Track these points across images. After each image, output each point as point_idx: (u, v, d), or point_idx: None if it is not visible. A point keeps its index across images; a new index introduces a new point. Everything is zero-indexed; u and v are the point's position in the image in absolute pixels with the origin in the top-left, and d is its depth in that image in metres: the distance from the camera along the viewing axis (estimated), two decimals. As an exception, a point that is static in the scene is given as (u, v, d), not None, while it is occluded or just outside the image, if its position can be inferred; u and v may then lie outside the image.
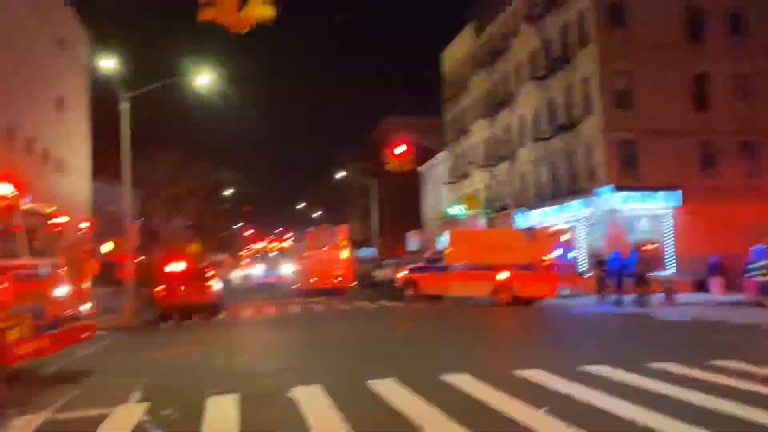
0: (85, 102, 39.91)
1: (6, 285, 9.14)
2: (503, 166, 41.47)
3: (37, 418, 7.28)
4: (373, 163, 70.93)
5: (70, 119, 37.06)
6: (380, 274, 40.97)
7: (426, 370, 9.50)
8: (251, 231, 70.80)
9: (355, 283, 33.10)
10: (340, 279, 31.02)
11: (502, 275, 22.84)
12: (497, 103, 42.24)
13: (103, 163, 36.01)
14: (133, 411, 7.49)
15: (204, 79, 26.12)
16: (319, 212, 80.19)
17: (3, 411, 7.71)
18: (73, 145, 37.33)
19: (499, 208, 40.32)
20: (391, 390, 8.14)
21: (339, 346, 13.32)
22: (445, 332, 15.51)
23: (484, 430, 6.29)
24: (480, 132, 45.73)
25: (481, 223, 40.38)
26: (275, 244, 48.83)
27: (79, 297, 17.75)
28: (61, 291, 10.91)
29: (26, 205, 10.32)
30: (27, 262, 9.85)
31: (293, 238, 52.87)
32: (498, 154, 42.29)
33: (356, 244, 44.18)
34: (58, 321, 10.36)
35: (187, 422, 6.92)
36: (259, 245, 47.88)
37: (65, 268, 14.16)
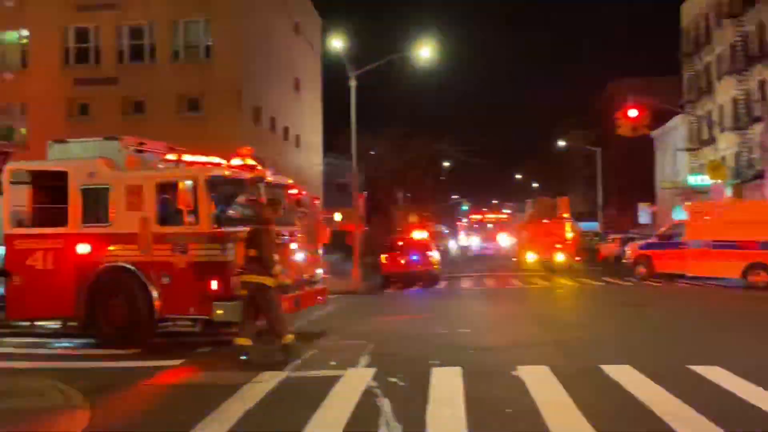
0: (318, 82, 43.02)
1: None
2: (757, 128, 36.11)
3: (279, 375, 7.84)
4: (598, 130, 66.77)
5: (306, 99, 40.23)
6: (605, 249, 38.48)
7: (666, 358, 8.48)
8: (468, 202, 71.24)
9: (578, 258, 31.45)
10: (561, 253, 29.69)
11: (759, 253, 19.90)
12: (749, 56, 36.74)
13: (333, 139, 38.65)
14: (362, 375, 7.73)
15: (425, 51, 26.44)
16: (537, 184, 77.90)
17: (254, 364, 8.47)
18: (308, 123, 40.56)
19: (750, 177, 35.29)
20: (627, 377, 7.37)
21: (564, 324, 12.62)
22: (687, 316, 13.90)
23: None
24: (727, 90, 40.27)
25: (727, 194, 35.71)
26: (492, 215, 48.38)
27: (314, 262, 19.20)
28: (300, 256, 11.73)
29: (269, 177, 11.21)
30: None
31: (511, 210, 52.03)
32: (751, 114, 36.91)
33: (578, 217, 42.02)
34: (297, 284, 11.16)
35: (413, 392, 6.92)
36: (476, 217, 47.91)
37: (302, 236, 15.19)
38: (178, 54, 30.88)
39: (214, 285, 9.55)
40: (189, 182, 9.50)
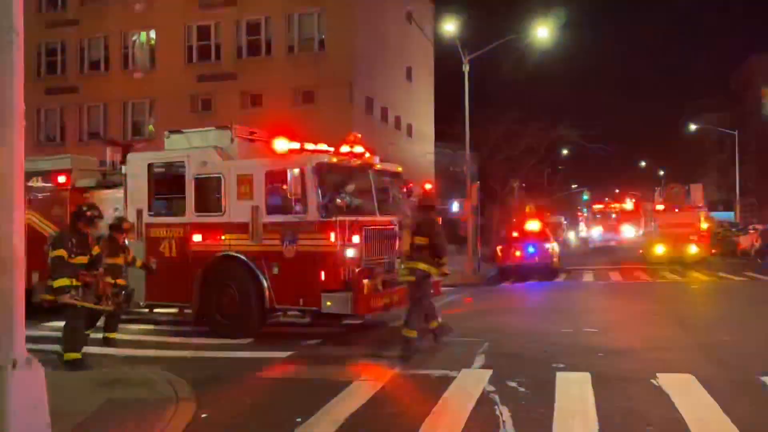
0: (431, 70, 42.39)
1: (359, 239, 9.60)
2: None
3: (388, 373, 7.36)
4: (734, 110, 61.26)
5: (418, 88, 39.73)
6: (744, 241, 35.03)
7: None
8: (588, 192, 67.91)
9: (714, 251, 28.77)
10: (694, 245, 27.24)
11: None
12: None
13: (445, 127, 37.88)
14: (477, 377, 7.07)
15: (542, 32, 25.09)
16: (662, 172, 72.88)
17: (359, 359, 8.06)
18: (420, 112, 40.06)
19: None
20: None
21: (707, 325, 11.22)
22: None
23: None
24: None
25: None
26: (616, 205, 45.50)
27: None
28: (405, 245, 11.20)
29: (378, 164, 10.76)
30: (379, 219, 10.26)
31: (635, 199, 48.78)
32: None
33: (711, 207, 38.61)
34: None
35: (536, 400, 6.18)
36: (598, 206, 45.34)
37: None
38: (293, 47, 31.40)
39: (322, 275, 9.26)
40: (296, 170, 9.25)
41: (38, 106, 33.48)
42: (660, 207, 29.57)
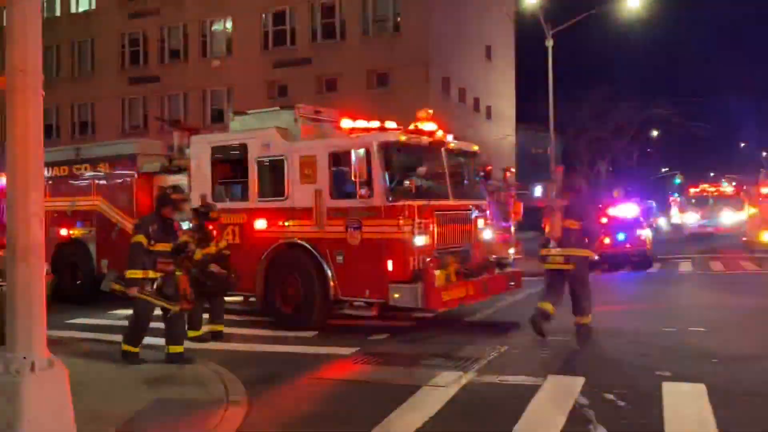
0: (511, 49, 40.65)
1: (430, 225, 8.73)
2: None
3: (463, 378, 6.47)
4: None
5: (497, 67, 38.12)
6: None
7: None
8: (681, 175, 63.92)
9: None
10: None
11: None
12: None
13: (528, 108, 36.15)
14: (567, 386, 6.07)
15: (633, 1, 23.17)
16: (765, 153, 67.28)
17: (429, 360, 7.21)
18: (499, 93, 38.45)
19: None
20: None
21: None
22: None
23: None
24: None
25: None
26: (712, 189, 42.17)
27: (506, 241, 17.54)
28: (488, 234, 10.24)
29: (451, 143, 9.81)
30: (453, 203, 9.33)
31: (735, 181, 45.07)
32: None
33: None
34: (484, 266, 9.72)
35: (640, 418, 5.14)
36: (693, 190, 42.15)
37: (491, 211, 13.60)
38: (367, 30, 30.66)
39: (389, 265, 8.45)
40: (361, 150, 8.46)
41: (122, 95, 34.44)
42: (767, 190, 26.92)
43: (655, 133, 50.97)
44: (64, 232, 12.39)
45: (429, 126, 9.52)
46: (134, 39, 34.56)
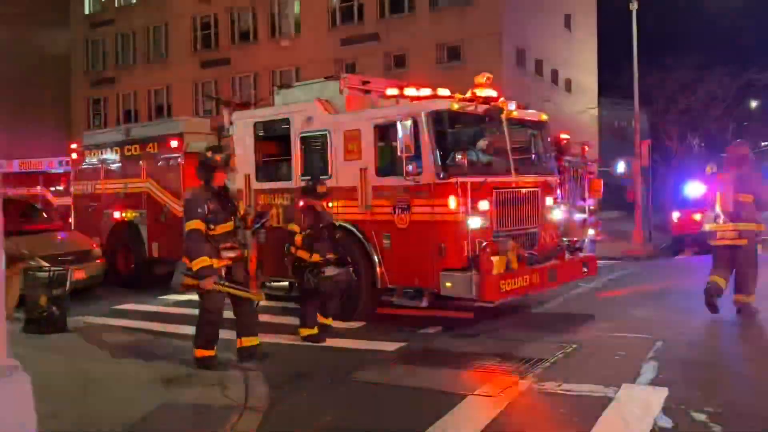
0: (593, 16, 38.14)
1: (487, 205, 7.69)
2: None
3: (518, 385, 5.47)
4: None
5: (578, 37, 35.84)
6: None
7: None
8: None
9: None
10: None
11: None
12: None
13: (611, 80, 33.79)
14: (645, 401, 4.96)
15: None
16: None
17: (482, 361, 6.24)
18: (580, 64, 36.17)
19: None
20: None
21: None
22: None
23: None
24: None
25: None
26: (709, 167, 38.01)
27: (581, 223, 16.11)
28: (558, 214, 9.08)
29: (515, 112, 8.67)
30: (516, 180, 8.24)
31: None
32: None
33: None
34: (553, 251, 8.59)
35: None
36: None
37: (563, 189, 12.42)
38: (436, 1, 29.35)
39: (440, 250, 7.49)
40: (408, 121, 7.49)
41: (195, 79, 34.73)
42: None
43: (753, 104, 46.85)
44: (117, 214, 12.16)
45: (488, 92, 8.41)
46: (205, 22, 34.71)
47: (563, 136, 11.14)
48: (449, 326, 7.97)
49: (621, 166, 26.84)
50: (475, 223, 7.59)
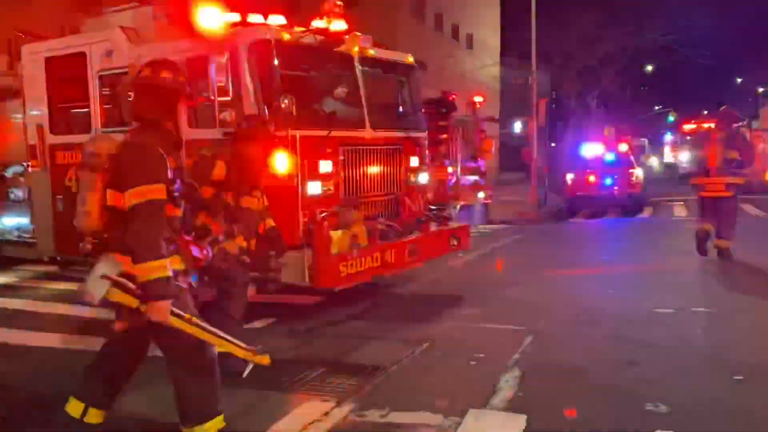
0: (495, -30, 37.05)
1: (331, 166, 6.10)
2: None
3: (328, 415, 3.95)
4: None
5: (480, -9, 34.64)
6: None
7: None
8: (675, 113, 60.98)
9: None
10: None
11: None
12: None
13: (513, 38, 32.89)
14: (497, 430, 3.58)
15: None
16: (762, 89, 64.16)
17: (300, 375, 4.69)
18: (482, 20, 35.03)
19: None
20: None
21: None
22: None
23: None
24: None
25: None
26: (708, 125, 39.31)
27: (470, 185, 14.84)
28: (424, 178, 7.61)
29: (369, 50, 7.03)
30: (371, 136, 6.66)
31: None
32: None
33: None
34: (415, 222, 7.15)
35: None
36: (689, 126, 39.35)
37: (452, 148, 10.98)
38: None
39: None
40: (224, 56, 5.71)
41: None
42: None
43: (649, 67, 47.75)
44: None
45: (338, 25, 6.70)
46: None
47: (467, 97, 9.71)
48: (287, 316, 6.37)
49: (518, 126, 26.14)
50: (314, 188, 5.98)
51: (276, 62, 5.86)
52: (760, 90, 64.32)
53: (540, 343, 5.28)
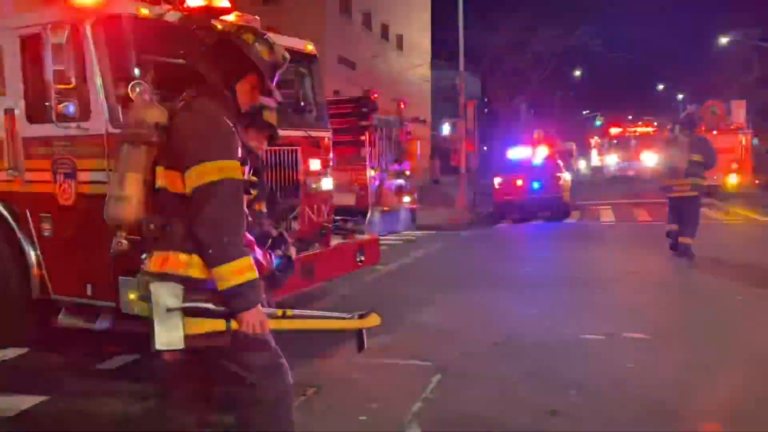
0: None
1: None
2: None
3: None
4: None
5: (410, -10, 34.07)
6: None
7: None
8: (601, 117, 62.67)
9: (757, 181, 24.06)
10: (735, 174, 22.55)
11: None
12: None
13: (443, 39, 32.44)
14: None
15: None
16: (682, 95, 66.74)
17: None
18: (413, 20, 34.47)
19: None
20: None
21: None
22: None
23: None
24: None
25: None
26: (636, 129, 40.09)
27: (395, 190, 13.93)
28: (328, 184, 6.65)
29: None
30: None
31: (656, 122, 43.52)
32: None
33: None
34: (316, 234, 6.18)
35: None
36: (615, 130, 40.10)
37: (372, 150, 10.18)
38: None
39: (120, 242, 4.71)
40: (64, 32, 4.58)
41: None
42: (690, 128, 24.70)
43: (577, 73, 48.62)
44: None
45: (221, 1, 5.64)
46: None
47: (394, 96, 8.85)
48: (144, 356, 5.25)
49: (446, 128, 25.63)
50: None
51: (129, 42, 4.75)
52: (680, 97, 66.96)
53: (448, 384, 4.41)
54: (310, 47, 6.75)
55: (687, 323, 5.99)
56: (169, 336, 2.38)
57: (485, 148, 35.23)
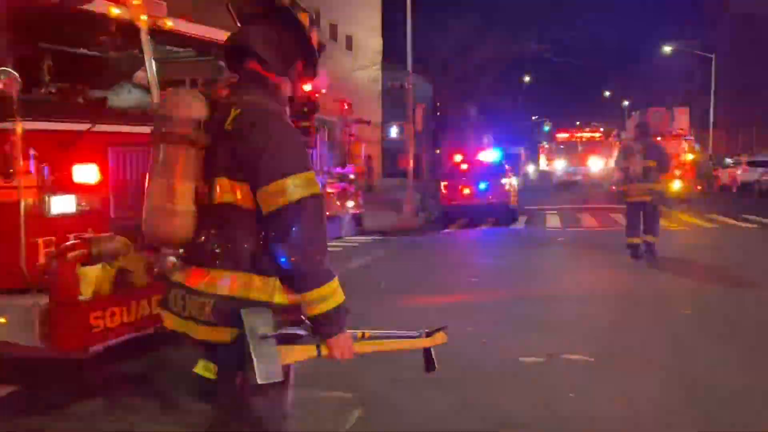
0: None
1: (94, 173, 4.43)
2: None
3: None
4: (710, 35, 56.65)
5: (360, -9, 33.58)
6: (724, 176, 31.14)
7: None
8: (550, 123, 63.67)
9: (699, 187, 24.52)
10: (678, 180, 22.86)
11: None
12: None
13: (394, 42, 32.07)
14: None
15: None
16: (627, 102, 68.46)
17: None
18: (362, 21, 33.97)
19: None
20: None
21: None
22: None
23: None
24: None
25: None
26: (583, 134, 40.60)
27: (339, 194, 13.46)
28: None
29: (166, 20, 5.34)
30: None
31: (602, 128, 44.23)
32: None
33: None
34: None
35: None
36: (562, 135, 40.46)
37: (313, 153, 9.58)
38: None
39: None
40: None
41: None
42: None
43: (526, 78, 49.14)
44: None
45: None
46: None
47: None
48: (37, 381, 4.54)
49: (394, 131, 25.25)
50: (60, 205, 4.22)
51: (11, 29, 4.05)
52: (626, 103, 68.62)
53: (368, 420, 3.86)
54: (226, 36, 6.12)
55: (630, 342, 5.60)
56: (268, 367, 2.08)
57: (438, 151, 35.06)
